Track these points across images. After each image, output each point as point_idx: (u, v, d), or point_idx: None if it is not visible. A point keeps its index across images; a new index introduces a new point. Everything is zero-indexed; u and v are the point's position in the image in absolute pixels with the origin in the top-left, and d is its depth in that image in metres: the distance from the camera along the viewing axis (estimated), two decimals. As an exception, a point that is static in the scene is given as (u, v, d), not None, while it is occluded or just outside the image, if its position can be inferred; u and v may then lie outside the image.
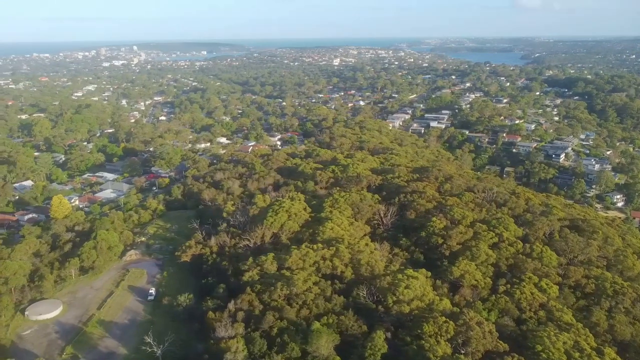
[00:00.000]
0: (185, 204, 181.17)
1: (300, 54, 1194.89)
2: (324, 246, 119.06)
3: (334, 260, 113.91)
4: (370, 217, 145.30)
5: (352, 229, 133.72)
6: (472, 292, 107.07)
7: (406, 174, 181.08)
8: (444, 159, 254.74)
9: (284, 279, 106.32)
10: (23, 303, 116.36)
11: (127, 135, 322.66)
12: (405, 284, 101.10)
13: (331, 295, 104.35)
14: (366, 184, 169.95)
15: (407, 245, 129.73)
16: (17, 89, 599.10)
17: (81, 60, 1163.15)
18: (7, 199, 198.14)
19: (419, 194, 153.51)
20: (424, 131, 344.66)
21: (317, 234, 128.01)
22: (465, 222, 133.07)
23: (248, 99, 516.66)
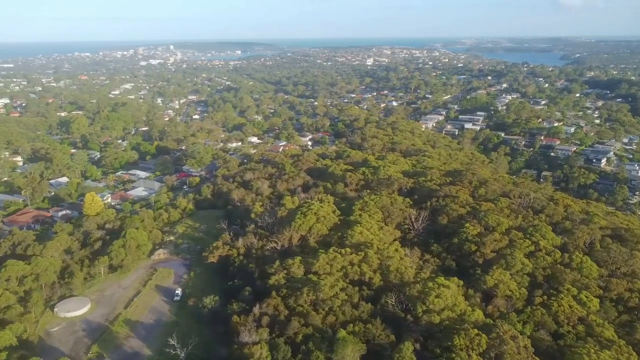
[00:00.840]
0: (214, 204, 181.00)
1: (333, 54, 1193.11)
2: (352, 251, 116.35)
3: (362, 265, 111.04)
4: (400, 222, 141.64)
5: (382, 234, 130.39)
6: (506, 303, 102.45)
7: (439, 177, 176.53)
8: (478, 162, 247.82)
9: (311, 284, 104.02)
10: (53, 299, 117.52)
11: (161, 133, 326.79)
12: (436, 293, 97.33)
13: (358, 302, 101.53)
14: (397, 187, 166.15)
15: (438, 252, 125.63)
16: (58, 87, 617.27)
17: (120, 59, 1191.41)
18: (43, 195, 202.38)
19: (452, 199, 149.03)
20: (457, 133, 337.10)
21: (345, 237, 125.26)
22: (500, 229, 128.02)
23: (280, 99, 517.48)
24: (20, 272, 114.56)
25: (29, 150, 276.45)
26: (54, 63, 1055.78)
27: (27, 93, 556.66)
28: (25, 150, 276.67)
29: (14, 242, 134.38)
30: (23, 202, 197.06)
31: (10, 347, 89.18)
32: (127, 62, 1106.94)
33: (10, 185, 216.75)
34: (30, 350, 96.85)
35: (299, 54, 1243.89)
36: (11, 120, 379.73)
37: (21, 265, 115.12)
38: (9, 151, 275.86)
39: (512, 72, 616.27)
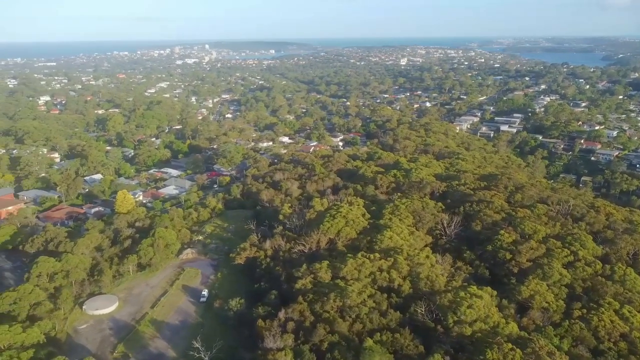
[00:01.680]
0: (243, 204, 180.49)
1: (366, 53, 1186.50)
2: (381, 256, 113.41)
3: (391, 272, 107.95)
4: (432, 227, 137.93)
5: (412, 239, 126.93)
6: (542, 316, 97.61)
7: (473, 181, 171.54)
8: (514, 166, 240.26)
9: (338, 290, 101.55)
10: (82, 297, 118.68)
11: (194, 132, 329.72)
12: (468, 303, 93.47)
13: (387, 310, 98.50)
14: (429, 191, 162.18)
15: (471, 259, 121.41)
16: (96, 85, 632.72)
17: (156, 58, 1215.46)
18: (77, 191, 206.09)
19: (486, 204, 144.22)
20: (493, 135, 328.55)
21: (374, 242, 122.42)
22: (537, 237, 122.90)
23: (312, 98, 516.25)
24: (51, 269, 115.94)
25: (66, 147, 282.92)
26: (94, 62, 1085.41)
27: (67, 91, 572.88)
28: (63, 147, 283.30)
29: (46, 239, 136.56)
30: (58, 198, 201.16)
31: (37, 344, 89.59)
32: (163, 61, 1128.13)
33: (47, 181, 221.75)
34: (57, 348, 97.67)
35: (332, 54, 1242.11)
36: (51, 117, 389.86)
37: (52, 262, 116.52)
38: (47, 148, 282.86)
39: (551, 73, 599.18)
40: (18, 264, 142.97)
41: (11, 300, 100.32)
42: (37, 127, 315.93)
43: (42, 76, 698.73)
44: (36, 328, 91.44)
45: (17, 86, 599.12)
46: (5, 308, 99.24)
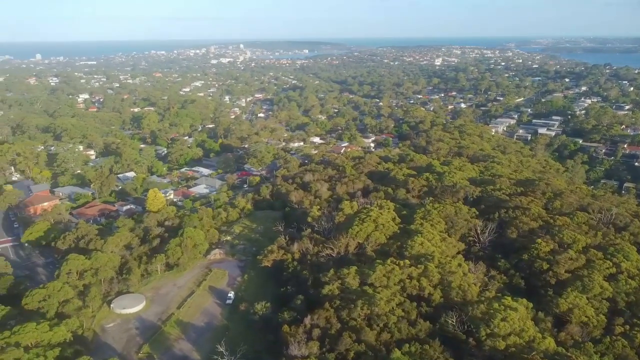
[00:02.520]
0: (272, 205, 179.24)
1: (400, 53, 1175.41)
2: (411, 263, 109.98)
3: (421, 280, 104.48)
4: (465, 233, 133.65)
5: (444, 246, 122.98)
6: (581, 331, 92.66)
7: (509, 186, 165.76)
8: (552, 171, 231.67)
9: (366, 297, 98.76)
10: (110, 295, 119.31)
11: (226, 131, 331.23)
12: (502, 316, 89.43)
13: (416, 319, 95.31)
14: (463, 195, 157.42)
15: (505, 268, 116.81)
16: (133, 83, 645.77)
17: (192, 57, 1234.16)
18: (111, 188, 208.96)
19: (523, 211, 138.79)
20: (530, 138, 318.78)
21: (405, 248, 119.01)
22: (577, 247, 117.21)
23: (345, 98, 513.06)
24: (81, 267, 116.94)
25: (102, 145, 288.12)
26: (132, 61, 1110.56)
27: (106, 89, 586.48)
28: (98, 144, 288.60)
29: (77, 236, 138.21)
30: (92, 195, 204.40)
31: (64, 342, 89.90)
32: (199, 60, 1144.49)
33: (82, 178, 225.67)
34: (84, 346, 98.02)
35: (365, 54, 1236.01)
36: (89, 115, 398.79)
37: (81, 260, 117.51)
38: (84, 145, 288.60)
39: (593, 74, 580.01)
40: (50, 259, 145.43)
41: (41, 298, 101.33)
42: (75, 124, 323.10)
43: (82, 74, 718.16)
44: (63, 327, 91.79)
45: (58, 84, 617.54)
46: (34, 305, 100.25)
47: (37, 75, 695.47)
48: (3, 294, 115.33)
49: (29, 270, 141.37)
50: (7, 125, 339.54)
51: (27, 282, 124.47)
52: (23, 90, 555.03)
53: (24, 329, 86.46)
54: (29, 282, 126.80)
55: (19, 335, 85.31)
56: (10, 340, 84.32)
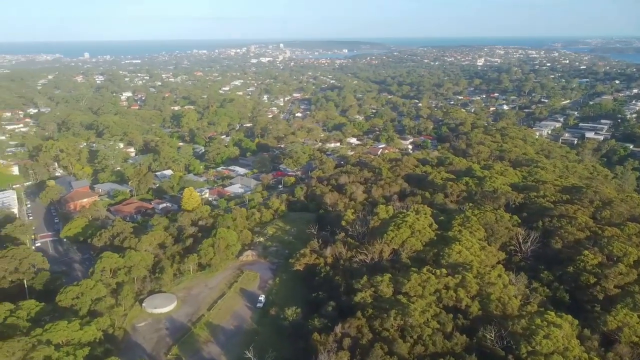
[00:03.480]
0: (306, 206, 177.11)
1: (441, 53, 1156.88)
2: (448, 272, 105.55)
3: (458, 290, 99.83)
4: (505, 242, 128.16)
5: (484, 255, 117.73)
6: (631, 352, 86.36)
7: (553, 193, 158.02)
8: (601, 177, 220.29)
9: (399, 307, 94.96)
10: (143, 293, 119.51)
11: (263, 130, 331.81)
12: (545, 332, 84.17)
13: (452, 332, 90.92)
14: (504, 202, 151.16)
15: (548, 281, 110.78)
16: (175, 82, 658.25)
17: (233, 56, 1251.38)
18: (148, 186, 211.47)
19: (568, 220, 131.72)
20: (577, 142, 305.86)
21: (442, 256, 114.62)
22: (628, 261, 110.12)
23: (383, 99, 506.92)
24: (114, 265, 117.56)
25: (141, 142, 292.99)
26: (175, 60, 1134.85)
27: (148, 87, 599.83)
28: (138, 142, 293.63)
29: (113, 233, 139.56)
30: (130, 192, 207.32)
31: (94, 341, 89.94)
32: (239, 59, 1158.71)
33: (121, 175, 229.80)
34: (114, 345, 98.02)
35: (405, 53, 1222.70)
36: (131, 112, 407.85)
37: (115, 258, 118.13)
38: (124, 142, 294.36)
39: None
40: (87, 256, 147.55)
41: (74, 295, 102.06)
42: (117, 122, 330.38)
43: (126, 73, 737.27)
44: (93, 326, 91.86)
45: (103, 82, 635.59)
46: (68, 302, 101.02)
47: (84, 73, 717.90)
48: (39, 289, 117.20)
49: (65, 265, 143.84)
50: (54, 121, 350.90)
51: (63, 278, 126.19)
52: (70, 88, 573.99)
53: (55, 327, 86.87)
54: (65, 278, 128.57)
55: (50, 333, 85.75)
56: (42, 338, 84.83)
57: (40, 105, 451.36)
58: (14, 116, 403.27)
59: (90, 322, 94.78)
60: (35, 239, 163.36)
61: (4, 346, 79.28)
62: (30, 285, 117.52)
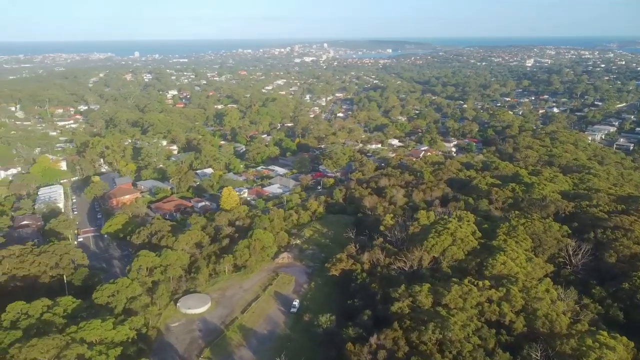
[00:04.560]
0: (345, 209, 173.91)
1: (488, 53, 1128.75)
2: (491, 284, 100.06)
3: (502, 304, 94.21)
4: (554, 253, 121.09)
5: (530, 267, 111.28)
6: (693, 380, 78.60)
7: (607, 202, 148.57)
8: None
9: (438, 319, 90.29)
10: (178, 293, 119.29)
11: (304, 130, 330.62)
12: (596, 355, 78.05)
13: (494, 349, 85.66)
14: (553, 211, 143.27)
15: (601, 297, 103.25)
16: (219, 81, 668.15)
17: (277, 56, 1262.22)
18: (189, 184, 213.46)
19: (624, 232, 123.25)
20: (633, 148, 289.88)
21: (485, 266, 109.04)
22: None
23: (427, 100, 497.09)
24: (151, 263, 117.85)
25: (184, 140, 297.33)
26: (220, 59, 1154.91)
27: (193, 86, 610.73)
28: (181, 140, 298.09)
29: (151, 231, 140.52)
30: (170, 189, 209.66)
31: (126, 341, 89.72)
32: (283, 59, 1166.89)
33: (163, 172, 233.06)
34: (147, 345, 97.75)
35: (451, 53, 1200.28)
36: (175, 110, 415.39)
37: (152, 257, 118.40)
38: (168, 140, 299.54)
39: None
40: (126, 252, 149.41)
41: (110, 293, 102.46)
42: (161, 119, 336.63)
43: (173, 71, 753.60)
44: (126, 325, 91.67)
45: (151, 80, 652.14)
46: (104, 300, 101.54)
47: (133, 71, 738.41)
48: (78, 285, 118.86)
49: (105, 262, 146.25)
50: (102, 118, 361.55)
51: (101, 274, 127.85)
52: (119, 86, 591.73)
53: (89, 326, 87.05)
54: (103, 274, 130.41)
55: (84, 332, 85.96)
56: (76, 336, 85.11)
57: (90, 102, 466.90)
58: (65, 113, 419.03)
59: (124, 321, 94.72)
60: (78, 233, 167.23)
61: (39, 344, 79.75)
62: (69, 280, 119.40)
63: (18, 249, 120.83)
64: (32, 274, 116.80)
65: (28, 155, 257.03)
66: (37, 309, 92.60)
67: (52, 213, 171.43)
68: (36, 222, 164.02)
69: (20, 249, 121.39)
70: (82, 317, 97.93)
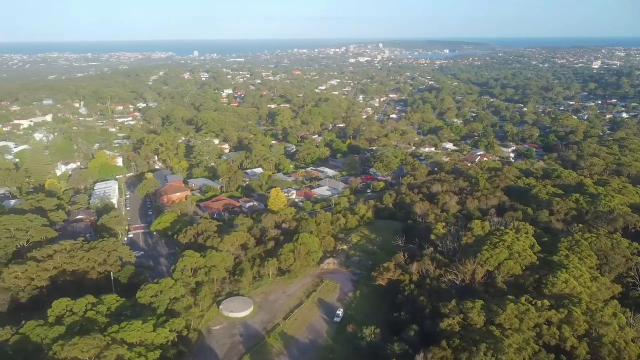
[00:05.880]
0: (394, 214, 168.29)
1: (551, 54, 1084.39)
2: (551, 304, 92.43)
3: (563, 327, 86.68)
4: (622, 273, 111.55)
5: (595, 287, 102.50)
6: None
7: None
8: None
9: (492, 340, 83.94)
10: (221, 295, 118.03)
11: (355, 131, 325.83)
12: (672, 392, 69.20)
13: (553, 377, 78.38)
14: (622, 225, 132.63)
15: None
16: (273, 80, 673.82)
17: (331, 55, 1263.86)
18: (238, 184, 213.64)
19: None
20: None
21: (544, 284, 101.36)
22: None
23: (484, 102, 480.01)
24: (195, 264, 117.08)
25: (236, 139, 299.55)
26: (276, 58, 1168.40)
27: (248, 85, 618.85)
28: (232, 138, 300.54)
29: (197, 231, 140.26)
30: (220, 188, 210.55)
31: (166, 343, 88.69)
32: (337, 58, 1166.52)
33: (214, 171, 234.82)
34: (188, 347, 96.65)
35: (511, 54, 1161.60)
36: (229, 109, 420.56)
37: (196, 257, 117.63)
38: (220, 138, 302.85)
39: None
40: (173, 251, 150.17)
41: (153, 293, 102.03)
42: (215, 118, 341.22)
43: (229, 71, 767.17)
44: (167, 328, 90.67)
45: (207, 79, 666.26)
46: (147, 300, 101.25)
47: (191, 70, 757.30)
48: (124, 282, 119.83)
49: (152, 259, 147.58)
50: (159, 116, 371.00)
51: (146, 272, 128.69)
52: (177, 84, 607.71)
53: (130, 326, 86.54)
54: (149, 272, 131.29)
55: (124, 332, 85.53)
56: (117, 336, 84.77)
57: (149, 100, 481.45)
58: (125, 110, 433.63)
59: (165, 322, 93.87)
60: (129, 229, 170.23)
61: (80, 342, 79.78)
62: (116, 277, 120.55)
63: (69, 244, 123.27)
64: (81, 269, 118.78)
65: (87, 151, 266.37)
66: (81, 307, 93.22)
67: (105, 208, 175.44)
68: (90, 217, 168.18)
69: (71, 244, 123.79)
70: (125, 316, 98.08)
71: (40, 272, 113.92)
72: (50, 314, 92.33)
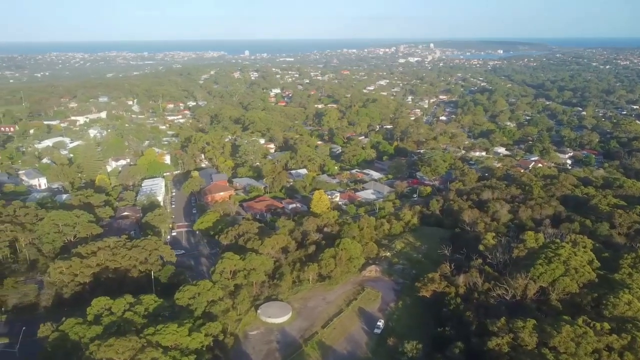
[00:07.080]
0: (441, 221, 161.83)
1: (614, 56, 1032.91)
2: (612, 327, 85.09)
3: (625, 355, 79.58)
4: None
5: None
6: None
7: None
8: None
9: (544, 365, 77.47)
10: (259, 299, 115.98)
11: (403, 133, 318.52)
12: None
13: (613, 410, 71.33)
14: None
15: None
16: (322, 80, 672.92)
17: (381, 55, 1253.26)
18: (282, 184, 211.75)
19: None
20: None
21: (604, 305, 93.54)
22: None
23: (540, 105, 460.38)
24: (234, 267, 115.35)
25: (281, 139, 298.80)
26: (325, 58, 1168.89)
27: (296, 85, 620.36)
28: (278, 138, 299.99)
29: (239, 232, 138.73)
30: (264, 189, 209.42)
31: (201, 348, 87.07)
32: (387, 59, 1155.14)
33: (259, 170, 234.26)
34: (223, 353, 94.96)
35: (569, 55, 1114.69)
36: (277, 109, 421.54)
37: (236, 260, 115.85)
38: (266, 138, 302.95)
39: None
40: (214, 251, 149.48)
41: (191, 295, 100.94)
42: (261, 117, 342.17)
43: (278, 70, 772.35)
44: (202, 332, 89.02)
45: (257, 79, 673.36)
46: (185, 301, 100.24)
47: (241, 69, 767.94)
48: (164, 282, 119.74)
49: (193, 259, 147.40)
50: (208, 114, 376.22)
51: (186, 273, 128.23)
52: (227, 83, 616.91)
53: (166, 330, 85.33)
54: (188, 272, 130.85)
55: (160, 335, 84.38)
56: (152, 339, 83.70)
57: (199, 98, 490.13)
58: (175, 108, 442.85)
59: (202, 325, 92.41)
60: (172, 227, 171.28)
61: (116, 344, 79.12)
62: (156, 276, 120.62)
63: (113, 242, 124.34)
64: (123, 267, 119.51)
65: (137, 148, 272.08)
66: (119, 306, 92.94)
67: (151, 205, 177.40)
68: (135, 214, 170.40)
69: (115, 241, 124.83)
70: (163, 317, 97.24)
71: (84, 268, 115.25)
72: (89, 312, 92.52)
